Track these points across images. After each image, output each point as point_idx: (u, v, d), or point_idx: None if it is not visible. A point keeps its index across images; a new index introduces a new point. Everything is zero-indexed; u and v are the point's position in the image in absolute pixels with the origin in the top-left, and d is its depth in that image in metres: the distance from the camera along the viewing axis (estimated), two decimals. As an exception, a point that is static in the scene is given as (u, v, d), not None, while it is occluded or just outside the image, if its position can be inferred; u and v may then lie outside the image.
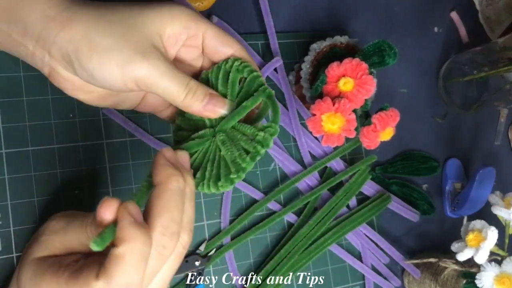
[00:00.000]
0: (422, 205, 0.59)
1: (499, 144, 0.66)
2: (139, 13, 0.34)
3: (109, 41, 0.33)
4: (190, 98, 0.35)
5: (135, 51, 0.33)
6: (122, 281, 0.28)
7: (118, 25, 0.33)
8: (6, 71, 0.45)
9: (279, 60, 0.54)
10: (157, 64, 0.33)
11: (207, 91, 0.36)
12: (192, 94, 0.35)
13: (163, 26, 0.35)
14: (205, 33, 0.37)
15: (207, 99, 0.36)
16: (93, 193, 0.46)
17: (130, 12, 0.34)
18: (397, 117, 0.49)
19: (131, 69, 0.33)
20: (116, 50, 0.33)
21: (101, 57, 0.33)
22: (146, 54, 0.33)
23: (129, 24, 0.34)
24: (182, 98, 0.35)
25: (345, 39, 0.53)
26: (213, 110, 0.36)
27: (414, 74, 0.63)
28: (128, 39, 0.33)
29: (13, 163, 0.44)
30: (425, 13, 0.65)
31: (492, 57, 0.58)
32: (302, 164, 0.55)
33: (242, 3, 0.55)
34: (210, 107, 0.36)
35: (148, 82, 0.34)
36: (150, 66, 0.33)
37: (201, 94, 0.36)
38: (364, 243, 0.56)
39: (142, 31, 0.34)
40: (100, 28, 0.33)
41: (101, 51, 0.33)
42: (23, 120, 0.45)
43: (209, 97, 0.36)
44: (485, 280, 0.46)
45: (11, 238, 0.43)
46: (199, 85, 0.36)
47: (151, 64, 0.33)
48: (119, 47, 0.33)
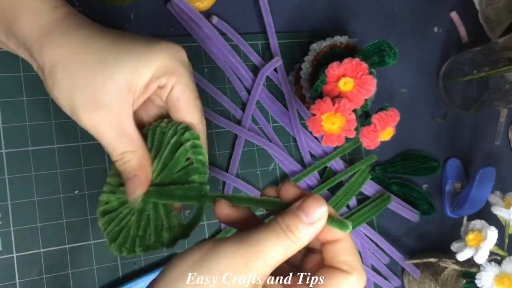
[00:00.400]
0: (422, 205, 0.59)
1: (499, 144, 0.66)
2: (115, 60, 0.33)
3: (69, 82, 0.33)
4: (119, 166, 0.35)
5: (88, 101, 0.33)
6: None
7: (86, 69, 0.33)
8: (6, 71, 0.45)
9: (279, 60, 0.54)
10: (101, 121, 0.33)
11: (135, 170, 0.35)
12: (121, 163, 0.35)
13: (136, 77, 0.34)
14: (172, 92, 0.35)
15: (129, 176, 0.35)
16: (93, 193, 0.46)
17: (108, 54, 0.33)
18: (397, 117, 0.49)
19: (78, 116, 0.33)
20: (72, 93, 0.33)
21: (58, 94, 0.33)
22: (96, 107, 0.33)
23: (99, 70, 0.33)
24: (113, 160, 0.35)
25: (345, 39, 0.53)
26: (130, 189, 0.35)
27: (414, 74, 0.63)
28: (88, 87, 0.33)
29: (13, 163, 0.44)
30: (425, 13, 0.65)
31: (492, 57, 0.58)
32: (302, 164, 0.55)
33: (242, 3, 0.55)
34: (128, 184, 0.35)
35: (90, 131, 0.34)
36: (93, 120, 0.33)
37: (127, 169, 0.35)
38: (364, 243, 0.56)
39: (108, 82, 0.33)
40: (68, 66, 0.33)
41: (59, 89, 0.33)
42: (23, 120, 0.45)
43: (133, 177, 0.35)
44: (485, 280, 0.46)
45: (11, 238, 0.43)
46: (132, 160, 0.35)
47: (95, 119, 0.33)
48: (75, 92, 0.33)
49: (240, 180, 0.52)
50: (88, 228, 0.46)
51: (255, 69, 0.54)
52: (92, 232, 0.46)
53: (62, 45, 0.33)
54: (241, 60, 0.54)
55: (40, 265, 0.44)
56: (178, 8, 0.51)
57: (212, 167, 0.51)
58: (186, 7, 0.50)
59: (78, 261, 0.45)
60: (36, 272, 0.43)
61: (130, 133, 0.35)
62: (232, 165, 0.52)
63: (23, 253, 0.43)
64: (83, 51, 0.33)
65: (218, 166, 0.52)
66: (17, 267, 0.43)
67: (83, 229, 0.45)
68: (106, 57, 0.33)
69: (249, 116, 0.53)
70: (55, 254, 0.44)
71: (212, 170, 0.51)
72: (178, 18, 0.52)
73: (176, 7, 0.51)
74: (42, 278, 0.44)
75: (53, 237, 0.44)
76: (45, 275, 0.44)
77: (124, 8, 0.50)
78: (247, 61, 0.54)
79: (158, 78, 0.34)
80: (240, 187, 0.52)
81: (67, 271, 0.44)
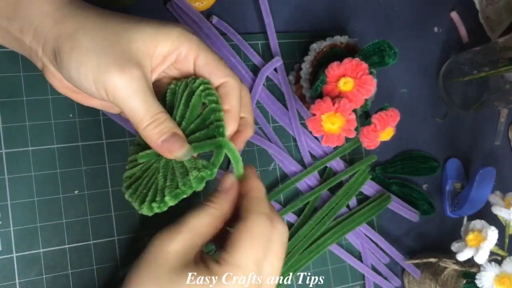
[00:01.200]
0: (422, 205, 0.59)
1: (499, 144, 0.66)
2: (135, 27, 0.33)
3: (93, 44, 0.32)
4: (152, 129, 0.33)
5: (114, 61, 0.32)
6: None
7: (108, 33, 0.33)
8: (6, 71, 0.45)
9: (279, 60, 0.54)
10: (131, 81, 0.32)
11: (171, 128, 0.34)
12: (155, 125, 0.33)
13: (154, 45, 0.34)
14: (196, 59, 0.35)
15: (167, 136, 0.33)
16: (93, 193, 0.46)
17: (126, 23, 0.33)
18: (397, 117, 0.49)
19: (104, 77, 0.32)
20: (96, 54, 0.32)
21: (80, 57, 0.32)
22: (124, 67, 0.32)
23: (120, 34, 0.33)
24: (144, 125, 0.33)
25: (345, 39, 0.53)
26: (169, 149, 0.34)
27: (414, 74, 0.63)
28: (113, 48, 0.32)
29: (13, 163, 0.44)
30: (425, 13, 0.65)
31: (492, 57, 0.58)
32: (302, 164, 0.55)
33: (242, 3, 0.55)
34: (167, 145, 0.34)
35: (117, 96, 0.32)
36: (123, 80, 0.32)
37: (165, 128, 0.33)
38: (364, 243, 0.56)
39: (131, 45, 0.33)
40: (89, 30, 0.32)
41: (81, 51, 0.32)
42: (23, 120, 0.45)
43: (170, 135, 0.34)
44: (485, 280, 0.46)
45: (11, 238, 0.43)
46: (167, 120, 0.34)
47: (126, 79, 0.32)
48: (100, 52, 0.32)
49: (240, 180, 0.52)
50: (88, 228, 0.46)
51: (255, 69, 0.54)
52: (92, 232, 0.46)
53: (80, 14, 0.33)
54: (241, 60, 0.54)
55: (40, 265, 0.44)
56: (178, 8, 0.51)
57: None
58: (186, 7, 0.50)
59: (78, 261, 0.45)
60: (36, 272, 0.43)
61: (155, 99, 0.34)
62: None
63: (23, 253, 0.43)
64: (102, 20, 0.33)
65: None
66: (17, 267, 0.43)
67: (83, 229, 0.45)
68: (125, 24, 0.33)
69: (249, 116, 0.53)
70: (55, 254, 0.44)
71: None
72: (178, 18, 0.52)
73: (176, 7, 0.51)
74: (42, 278, 0.44)
75: (53, 237, 0.44)
76: (45, 275, 0.44)
77: (124, 8, 0.50)
78: (247, 61, 0.54)
79: (177, 48, 0.34)
80: (240, 187, 0.52)
81: (67, 271, 0.44)
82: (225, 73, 0.36)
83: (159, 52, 0.34)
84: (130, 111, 0.33)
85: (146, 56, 0.33)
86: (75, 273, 0.45)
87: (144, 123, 0.33)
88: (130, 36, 0.33)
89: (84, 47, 0.32)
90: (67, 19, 0.33)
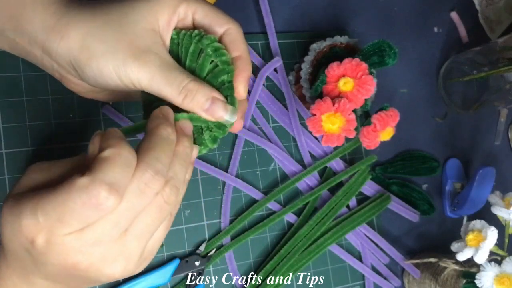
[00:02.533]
0: (422, 205, 0.59)
1: (499, 144, 0.66)
2: (131, 9, 0.34)
3: (105, 46, 0.33)
4: (189, 102, 0.34)
5: (128, 54, 0.33)
6: (106, 177, 0.27)
7: (111, 27, 0.34)
8: (6, 71, 0.45)
9: (279, 60, 0.54)
10: (147, 67, 0.33)
11: (209, 94, 0.34)
12: (191, 98, 0.34)
13: (156, 19, 0.35)
14: (195, 13, 0.36)
15: (209, 103, 0.34)
16: (93, 193, 0.46)
17: (122, 9, 0.34)
18: (397, 117, 0.49)
19: (126, 72, 0.33)
20: (111, 54, 0.33)
21: (99, 64, 0.33)
22: (138, 56, 0.33)
23: (122, 24, 0.34)
24: (180, 100, 0.34)
25: (345, 39, 0.53)
26: (214, 114, 0.34)
27: (414, 74, 0.63)
28: (122, 42, 0.33)
29: (13, 163, 0.44)
30: (425, 13, 0.65)
31: (492, 57, 0.58)
32: (302, 164, 0.55)
33: (242, 3, 0.55)
34: (211, 111, 0.34)
35: (143, 84, 0.34)
36: (141, 69, 0.33)
37: (202, 98, 0.34)
38: (364, 243, 0.56)
39: (136, 30, 0.34)
40: (94, 33, 0.33)
41: (98, 59, 0.33)
42: (23, 120, 0.45)
43: (211, 101, 0.34)
44: (485, 280, 0.46)
45: (11, 238, 0.43)
46: (199, 87, 0.34)
47: (143, 67, 0.33)
48: (113, 51, 0.33)
49: (240, 180, 0.52)
50: (88, 228, 0.46)
51: (255, 69, 0.54)
52: (92, 232, 0.46)
53: (80, 19, 0.34)
54: (241, 60, 0.54)
55: (40, 265, 0.44)
56: (178, 8, 0.51)
57: (212, 167, 0.51)
58: (186, 7, 0.50)
59: (78, 261, 0.45)
60: (36, 272, 0.43)
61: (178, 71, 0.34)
62: (232, 165, 0.52)
63: (23, 253, 0.43)
64: (101, 15, 0.34)
65: (218, 166, 0.52)
66: (17, 267, 0.43)
67: (83, 229, 0.45)
68: (123, 10, 0.34)
69: (249, 116, 0.53)
70: (55, 254, 0.44)
71: (212, 170, 0.51)
72: (178, 18, 0.52)
73: (176, 7, 0.51)
74: (42, 278, 0.43)
75: (53, 237, 0.44)
76: (45, 275, 0.44)
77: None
78: (247, 61, 0.54)
79: (175, 12, 0.35)
80: (240, 187, 0.52)
81: (67, 271, 0.44)
82: (225, 20, 0.36)
83: (161, 23, 0.35)
84: (160, 92, 0.34)
85: (152, 34, 0.34)
86: (75, 273, 0.45)
87: (178, 98, 0.34)
88: (131, 21, 0.34)
89: (98, 53, 0.33)
90: (71, 30, 0.34)
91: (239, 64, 0.36)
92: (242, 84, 0.36)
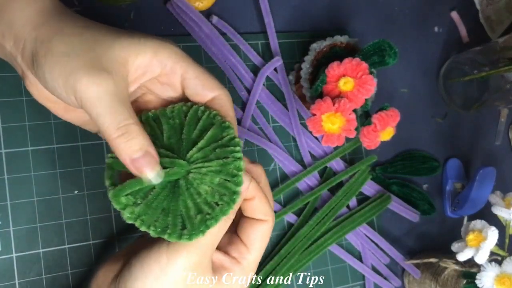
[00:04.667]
0: (422, 205, 0.59)
1: (499, 144, 0.66)
2: (115, 35, 0.32)
3: (67, 48, 0.31)
4: (120, 143, 0.30)
5: (84, 64, 0.30)
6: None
7: (84, 39, 0.32)
8: (6, 71, 0.45)
9: (279, 60, 0.54)
10: (99, 86, 0.30)
11: (144, 145, 0.31)
12: (125, 139, 0.30)
13: (134, 54, 0.32)
14: (186, 73, 0.34)
15: (139, 154, 0.30)
16: (92, 193, 0.46)
17: (106, 32, 0.33)
18: (397, 117, 0.49)
19: (73, 80, 0.30)
20: (67, 57, 0.31)
21: (52, 60, 0.31)
22: (93, 71, 0.30)
23: (97, 41, 0.32)
24: (114, 136, 0.30)
25: (345, 39, 0.53)
26: (140, 168, 0.30)
27: (414, 74, 0.63)
28: (86, 53, 0.31)
29: (13, 163, 0.44)
30: (425, 13, 0.65)
31: (492, 57, 0.58)
32: (302, 164, 0.55)
33: (242, 3, 0.55)
34: (138, 164, 0.30)
35: (84, 100, 0.30)
36: (90, 84, 0.30)
37: (135, 145, 0.30)
38: (364, 243, 0.56)
39: (107, 52, 0.31)
40: (66, 35, 0.32)
41: (53, 54, 0.31)
42: (23, 120, 0.45)
43: (143, 153, 0.30)
44: (485, 280, 0.46)
45: (11, 238, 0.43)
46: (139, 135, 0.30)
47: (93, 83, 0.30)
48: (72, 56, 0.31)
49: (240, 180, 0.52)
50: (88, 228, 0.46)
51: (255, 69, 0.54)
52: (92, 232, 0.46)
53: (60, 20, 0.33)
54: (241, 60, 0.54)
55: (39, 265, 0.44)
56: (178, 8, 0.51)
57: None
58: (186, 7, 0.50)
59: (78, 261, 0.45)
60: (35, 272, 0.43)
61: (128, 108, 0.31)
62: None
63: (23, 253, 0.43)
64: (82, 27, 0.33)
65: (218, 166, 0.52)
66: (17, 267, 0.43)
67: (83, 229, 0.45)
68: (105, 33, 0.32)
69: (249, 116, 0.53)
70: (55, 254, 0.44)
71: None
72: (178, 18, 0.52)
73: (176, 7, 0.51)
74: (41, 278, 0.44)
75: (53, 237, 0.44)
76: (44, 275, 0.44)
77: (123, 8, 0.50)
78: (247, 61, 0.54)
79: (160, 62, 0.33)
80: (240, 187, 0.52)
81: (67, 271, 0.44)
82: (216, 86, 0.35)
83: (139, 63, 0.33)
84: (97, 119, 0.30)
85: (120, 64, 0.32)
86: (75, 273, 0.45)
87: (112, 133, 0.30)
88: (107, 44, 0.32)
89: (57, 50, 0.31)
90: (47, 24, 0.32)
91: None
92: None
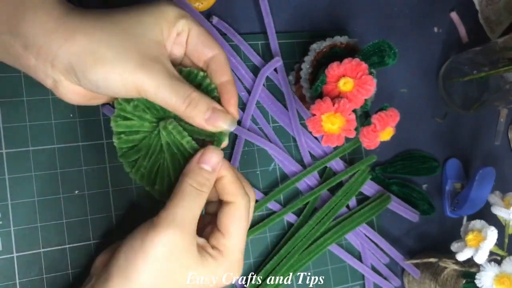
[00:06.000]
0: (422, 205, 0.59)
1: (499, 144, 0.66)
2: (137, 22, 0.36)
3: (112, 53, 0.34)
4: (192, 111, 0.36)
5: (136, 62, 0.34)
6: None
7: (118, 36, 0.35)
8: (6, 71, 0.45)
9: (279, 60, 0.54)
10: (154, 76, 0.35)
11: (209, 104, 0.37)
12: (193, 106, 0.36)
13: (160, 32, 0.36)
14: (191, 31, 0.38)
15: (210, 113, 0.37)
16: (93, 193, 0.46)
17: (128, 20, 0.36)
18: (397, 117, 0.49)
19: (132, 80, 0.35)
20: (118, 62, 0.34)
21: (105, 69, 0.34)
22: (145, 65, 0.35)
23: (129, 34, 0.35)
24: (183, 109, 0.36)
25: (345, 39, 0.53)
26: (215, 124, 0.37)
27: (414, 74, 0.63)
28: (130, 50, 0.35)
29: (13, 163, 0.44)
30: (425, 13, 0.65)
31: (492, 57, 0.58)
32: (302, 164, 0.55)
33: (242, 3, 0.55)
34: (212, 121, 0.37)
35: (149, 92, 0.35)
36: (149, 77, 0.35)
37: (203, 107, 0.36)
38: (364, 243, 0.56)
39: (142, 41, 0.35)
40: (102, 40, 0.34)
41: (104, 63, 0.34)
42: (23, 120, 0.45)
43: (212, 111, 0.37)
44: (484, 280, 0.46)
45: (11, 238, 0.43)
46: (201, 98, 0.36)
47: (149, 76, 0.35)
48: (121, 59, 0.34)
49: (240, 180, 0.52)
50: (88, 228, 0.46)
51: (255, 69, 0.54)
52: (92, 232, 0.46)
53: (86, 26, 0.35)
54: (241, 60, 0.54)
55: (40, 265, 0.44)
56: (178, 8, 0.51)
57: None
58: (186, 7, 0.50)
59: (78, 261, 0.45)
60: (36, 272, 0.43)
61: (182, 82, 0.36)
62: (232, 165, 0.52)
63: (23, 253, 0.43)
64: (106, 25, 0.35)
65: (218, 166, 0.52)
66: (17, 267, 0.43)
67: (83, 229, 0.45)
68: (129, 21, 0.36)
69: (249, 116, 0.53)
70: (55, 254, 0.44)
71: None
72: (178, 18, 0.52)
73: (176, 7, 0.51)
74: (42, 278, 0.44)
75: (53, 237, 0.44)
76: (45, 275, 0.44)
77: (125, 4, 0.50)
78: (247, 61, 0.54)
79: (175, 26, 0.37)
80: (240, 187, 0.52)
81: (67, 271, 0.44)
82: (215, 45, 0.39)
83: (165, 35, 0.37)
84: (163, 102, 0.36)
85: (158, 45, 0.36)
86: (75, 273, 0.45)
87: (181, 107, 0.36)
88: (138, 33, 0.35)
89: (105, 59, 0.34)
90: (76, 35, 0.34)
91: (230, 88, 0.39)
92: (235, 107, 0.39)
